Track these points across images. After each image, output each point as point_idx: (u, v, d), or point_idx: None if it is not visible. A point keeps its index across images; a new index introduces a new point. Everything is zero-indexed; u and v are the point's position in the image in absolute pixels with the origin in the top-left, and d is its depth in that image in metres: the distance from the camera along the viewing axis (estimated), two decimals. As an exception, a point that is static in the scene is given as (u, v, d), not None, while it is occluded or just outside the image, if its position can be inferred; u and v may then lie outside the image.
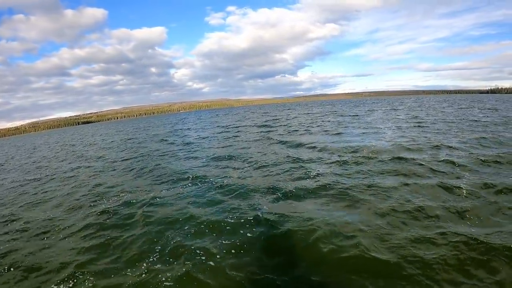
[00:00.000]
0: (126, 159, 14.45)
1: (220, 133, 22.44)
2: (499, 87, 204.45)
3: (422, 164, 8.23)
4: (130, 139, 26.30)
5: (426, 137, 12.99)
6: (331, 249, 4.44)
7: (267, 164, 9.87)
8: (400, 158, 9.06)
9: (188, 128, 31.12)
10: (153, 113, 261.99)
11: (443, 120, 19.27)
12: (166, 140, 21.08)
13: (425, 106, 40.72)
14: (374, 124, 19.40)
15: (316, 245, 4.59)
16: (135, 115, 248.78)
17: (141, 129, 39.21)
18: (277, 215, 5.65)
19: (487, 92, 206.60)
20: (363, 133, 15.39)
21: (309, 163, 9.58)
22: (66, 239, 5.90)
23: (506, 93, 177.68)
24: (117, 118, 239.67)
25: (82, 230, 6.17)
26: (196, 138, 19.97)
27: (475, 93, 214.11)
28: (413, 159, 8.88)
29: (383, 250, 4.36)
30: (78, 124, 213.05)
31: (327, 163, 9.25)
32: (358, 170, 8.19)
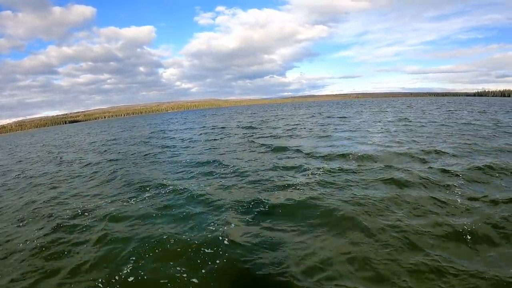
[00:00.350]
0: (99, 163, 13.50)
1: (203, 134, 21.62)
2: (486, 90, 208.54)
3: (413, 173, 7.58)
4: (111, 140, 25.19)
5: (415, 141, 12.49)
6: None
7: (247, 172, 9.08)
8: (389, 167, 8.44)
9: (171, 130, 30.04)
10: (141, 112, 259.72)
11: (432, 123, 18.92)
12: (147, 142, 20.13)
13: (413, 108, 40.70)
14: (362, 126, 18.94)
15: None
16: (122, 115, 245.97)
17: (126, 130, 37.92)
18: (246, 241, 4.86)
19: (474, 94, 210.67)
20: (351, 136, 14.82)
21: (292, 171, 8.85)
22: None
23: (493, 96, 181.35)
24: (105, 117, 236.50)
25: (25, 251, 5.29)
26: (178, 141, 19.05)
27: (462, 95, 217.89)
28: (405, 168, 8.24)
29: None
30: (65, 123, 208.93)
31: (312, 172, 8.51)
32: (345, 181, 7.47)
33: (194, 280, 3.98)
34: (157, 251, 4.76)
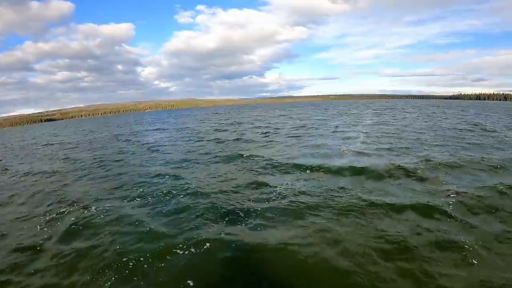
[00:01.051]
0: (38, 173, 11.55)
1: (169, 138, 19.74)
2: (462, 93, 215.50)
3: (401, 186, 6.31)
4: (72, 142, 22.90)
5: (401, 147, 11.32)
6: None
7: (208, 187, 7.50)
8: (374, 178, 7.16)
9: (141, 131, 27.86)
10: (118, 112, 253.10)
11: (413, 128, 17.91)
12: (107, 146, 18.23)
13: (393, 110, 40.24)
14: (343, 131, 17.54)
15: None
16: (99, 114, 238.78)
17: (94, 131, 35.19)
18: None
19: (450, 98, 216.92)
20: (331, 143, 13.40)
21: (257, 193, 7.16)
22: None
23: (468, 99, 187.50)
24: (81, 116, 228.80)
25: None
26: (139, 146, 17.14)
27: (438, 98, 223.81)
28: (389, 181, 6.96)
29: None
30: (41, 121, 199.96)
31: (283, 187, 7.08)
32: (324, 198, 6.10)
33: None
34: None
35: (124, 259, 4.49)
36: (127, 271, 4.24)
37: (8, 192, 9.14)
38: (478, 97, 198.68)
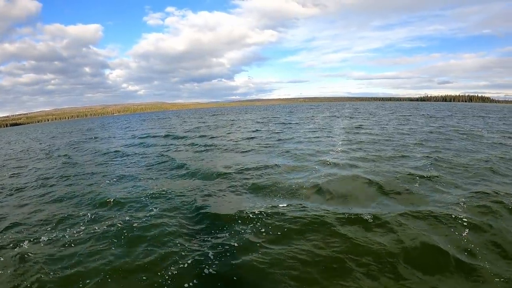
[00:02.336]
0: None
1: (122, 147, 17.48)
2: (429, 95, 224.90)
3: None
4: (22, 151, 20.50)
5: (380, 156, 10.21)
6: None
7: (141, 221, 5.83)
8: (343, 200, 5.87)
9: (101, 137, 25.50)
10: (86, 115, 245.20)
11: (385, 132, 17.11)
12: (56, 155, 16.07)
13: (362, 112, 39.99)
14: (314, 138, 16.16)
15: None
16: (66, 117, 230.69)
17: (54, 136, 32.43)
18: None
19: (417, 99, 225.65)
20: (300, 151, 11.93)
21: (209, 222, 5.63)
22: None
23: (435, 101, 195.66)
24: (48, 120, 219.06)
25: None
26: (88, 154, 15.23)
27: (405, 100, 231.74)
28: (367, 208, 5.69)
29: None
30: (6, 126, 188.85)
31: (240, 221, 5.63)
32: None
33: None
34: None
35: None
36: None
37: None
38: (444, 99, 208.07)
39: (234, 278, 3.88)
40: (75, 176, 10.13)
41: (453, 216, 5.14)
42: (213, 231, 5.15)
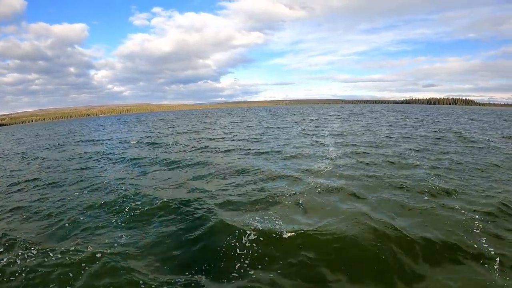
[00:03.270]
0: None
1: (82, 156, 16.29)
2: (413, 98, 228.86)
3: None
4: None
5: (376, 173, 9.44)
6: None
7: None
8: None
9: (70, 143, 24.47)
10: (70, 116, 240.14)
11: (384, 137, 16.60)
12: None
13: (352, 115, 39.70)
14: (301, 147, 14.75)
15: None
16: (51, 118, 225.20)
17: (29, 140, 31.12)
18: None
19: (402, 102, 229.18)
20: (283, 166, 10.72)
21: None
22: None
23: (419, 103, 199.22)
24: (32, 121, 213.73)
25: None
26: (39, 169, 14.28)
27: (390, 103, 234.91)
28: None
29: None
30: None
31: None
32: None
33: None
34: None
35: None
36: None
37: None
38: (429, 101, 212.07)
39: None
40: None
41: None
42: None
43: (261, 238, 5.04)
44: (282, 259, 4.54)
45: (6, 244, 5.40)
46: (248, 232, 5.18)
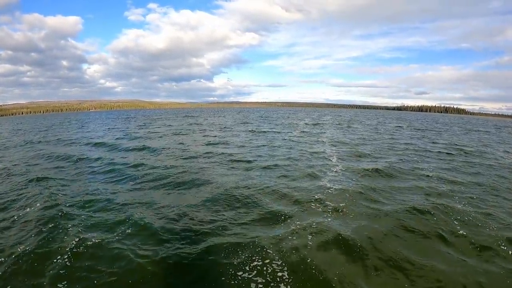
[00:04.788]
0: None
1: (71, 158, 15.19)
2: (405, 105, 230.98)
3: None
4: None
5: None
6: None
7: None
8: None
9: (47, 141, 22.85)
10: (61, 110, 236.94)
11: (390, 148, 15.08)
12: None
13: (347, 121, 38.61)
14: (298, 160, 12.68)
15: None
16: (42, 111, 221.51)
17: (15, 133, 29.37)
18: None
19: (393, 108, 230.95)
20: (281, 186, 8.93)
21: None
22: None
23: (411, 110, 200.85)
24: (22, 113, 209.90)
25: None
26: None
27: (382, 109, 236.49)
28: None
29: None
30: None
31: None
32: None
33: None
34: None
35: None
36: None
37: None
38: (420, 109, 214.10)
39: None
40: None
41: None
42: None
43: None
44: None
45: None
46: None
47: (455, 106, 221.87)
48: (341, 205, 6.82)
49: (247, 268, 4.37)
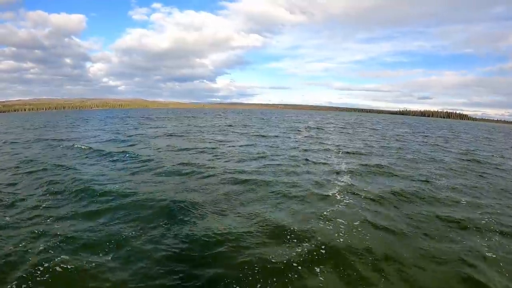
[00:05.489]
0: None
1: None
2: (408, 110, 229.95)
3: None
4: None
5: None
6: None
7: None
8: None
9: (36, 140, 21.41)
10: (64, 108, 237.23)
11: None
12: None
13: (352, 125, 37.07)
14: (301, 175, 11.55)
15: None
16: (44, 108, 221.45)
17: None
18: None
19: (396, 113, 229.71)
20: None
21: None
22: None
23: (413, 115, 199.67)
24: (25, 110, 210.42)
25: None
26: None
27: (385, 113, 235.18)
28: None
29: None
30: None
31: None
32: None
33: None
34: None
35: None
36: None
37: None
38: (423, 113, 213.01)
39: None
40: None
41: None
42: None
43: None
44: None
45: None
46: None
47: (458, 112, 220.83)
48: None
49: None
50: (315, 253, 5.00)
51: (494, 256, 5.16)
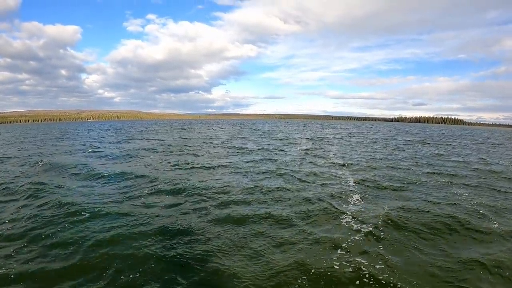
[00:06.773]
0: None
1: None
2: (403, 116, 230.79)
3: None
4: None
5: None
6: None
7: None
8: None
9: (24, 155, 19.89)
10: (60, 119, 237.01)
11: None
12: None
13: (349, 135, 35.86)
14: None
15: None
16: (40, 120, 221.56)
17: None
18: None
19: (391, 120, 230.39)
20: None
21: None
22: None
23: (409, 121, 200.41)
24: (21, 121, 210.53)
25: None
26: None
27: (380, 120, 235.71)
28: None
29: None
30: None
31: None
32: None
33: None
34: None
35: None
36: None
37: None
38: (418, 120, 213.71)
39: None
40: None
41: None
42: None
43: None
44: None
45: None
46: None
47: (453, 117, 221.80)
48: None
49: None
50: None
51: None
